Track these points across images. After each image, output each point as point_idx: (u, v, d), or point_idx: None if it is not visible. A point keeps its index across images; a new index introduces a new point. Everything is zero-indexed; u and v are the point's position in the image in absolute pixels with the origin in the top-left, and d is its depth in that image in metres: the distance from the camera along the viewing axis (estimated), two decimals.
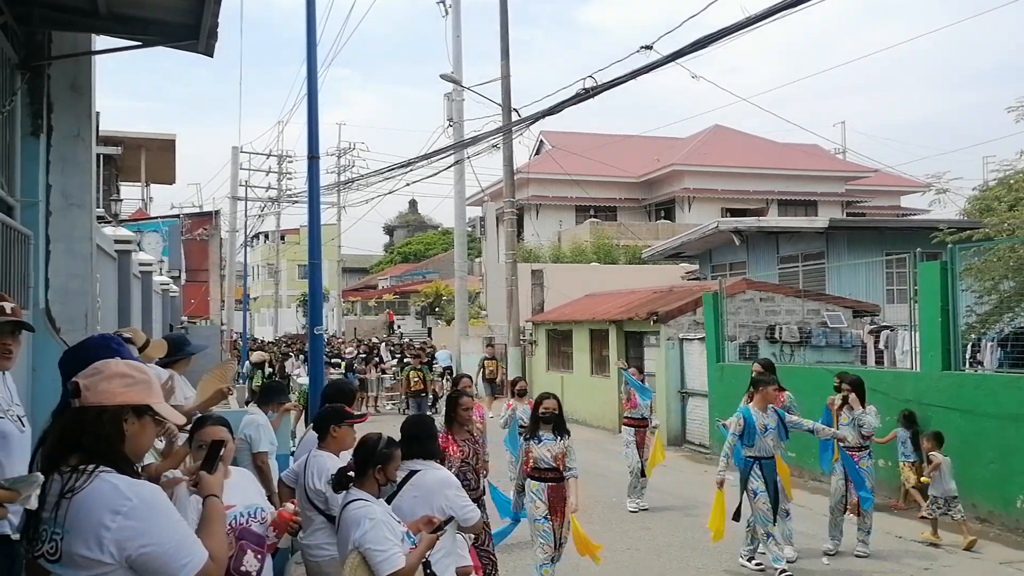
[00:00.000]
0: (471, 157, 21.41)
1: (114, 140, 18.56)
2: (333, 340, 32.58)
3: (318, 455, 4.61)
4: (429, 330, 37.02)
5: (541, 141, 40.22)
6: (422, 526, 3.75)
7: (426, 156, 19.11)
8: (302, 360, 19.76)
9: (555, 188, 35.99)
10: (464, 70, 23.90)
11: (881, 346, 13.44)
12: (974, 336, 11.06)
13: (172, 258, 20.34)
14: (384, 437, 3.87)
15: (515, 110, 18.77)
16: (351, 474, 3.76)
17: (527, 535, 6.58)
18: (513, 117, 18.63)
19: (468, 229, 28.72)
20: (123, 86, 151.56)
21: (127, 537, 2.08)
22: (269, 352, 22.90)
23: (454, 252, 27.30)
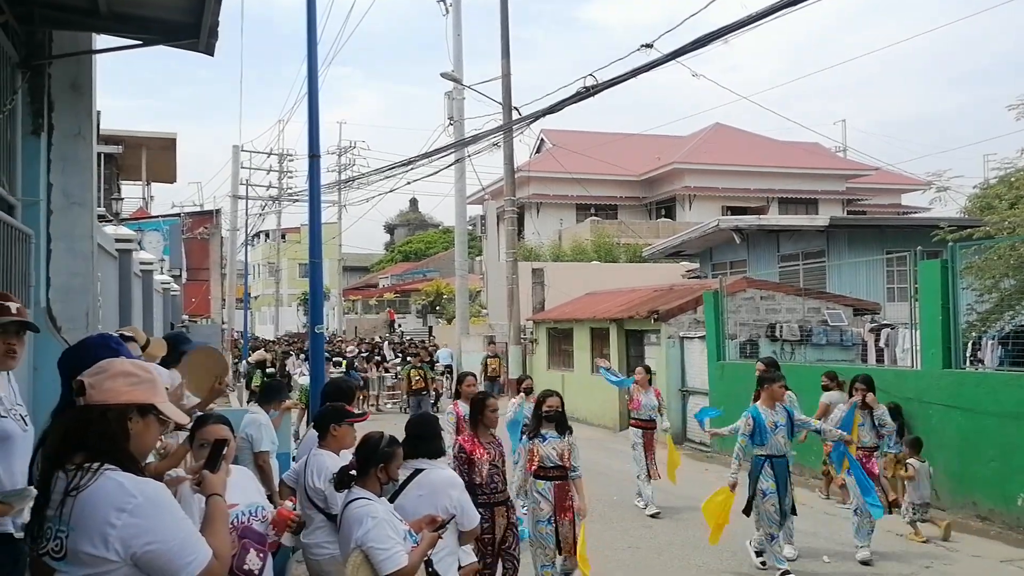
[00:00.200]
0: (472, 155, 21.34)
1: (115, 139, 18.57)
2: (334, 339, 32.61)
3: (318, 454, 4.61)
4: (430, 329, 36.99)
5: (542, 139, 40.19)
6: (424, 525, 3.75)
7: (427, 154, 19.07)
8: (303, 359, 19.77)
9: (556, 186, 35.96)
10: (465, 68, 23.90)
11: (882, 344, 13.44)
12: (975, 334, 11.06)
13: (173, 257, 20.37)
14: (386, 436, 3.86)
15: (516, 108, 18.71)
16: (353, 473, 3.75)
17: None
18: (514, 115, 18.58)
19: (469, 228, 28.69)
20: (124, 85, 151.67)
21: (132, 534, 2.09)
22: (270, 351, 22.92)
23: (455, 251, 27.28)
